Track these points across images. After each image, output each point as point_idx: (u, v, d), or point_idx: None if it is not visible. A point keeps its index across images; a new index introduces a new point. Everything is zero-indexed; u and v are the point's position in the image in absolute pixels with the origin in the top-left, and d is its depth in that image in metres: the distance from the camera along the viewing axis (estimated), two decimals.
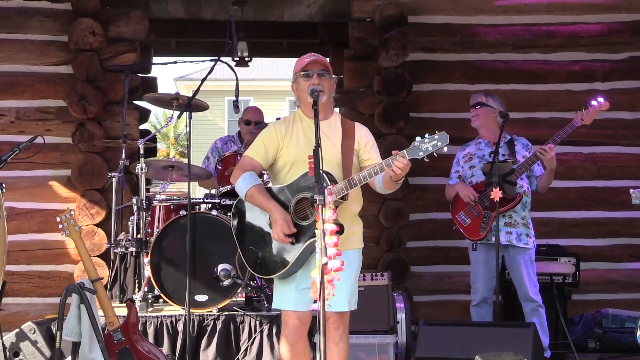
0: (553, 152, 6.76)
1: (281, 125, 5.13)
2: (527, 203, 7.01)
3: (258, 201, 4.92)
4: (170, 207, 7.17)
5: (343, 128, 5.11)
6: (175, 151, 34.48)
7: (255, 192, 4.93)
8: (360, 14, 8.86)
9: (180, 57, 8.60)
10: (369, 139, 5.18)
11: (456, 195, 7.13)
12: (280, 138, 5.05)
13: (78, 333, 5.60)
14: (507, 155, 7.02)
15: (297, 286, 4.95)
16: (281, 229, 4.77)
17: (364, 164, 5.08)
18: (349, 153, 5.02)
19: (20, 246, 8.34)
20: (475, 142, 7.30)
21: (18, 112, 8.52)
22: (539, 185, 7.10)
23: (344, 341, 5.02)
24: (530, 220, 7.05)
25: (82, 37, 8.24)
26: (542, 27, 9.07)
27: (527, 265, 6.96)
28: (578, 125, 6.87)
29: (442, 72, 9.01)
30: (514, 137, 7.19)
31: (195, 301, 6.55)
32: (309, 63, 4.99)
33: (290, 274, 4.93)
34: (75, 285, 5.56)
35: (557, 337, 7.60)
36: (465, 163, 7.24)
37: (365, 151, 5.11)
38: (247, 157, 5.12)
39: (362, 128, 5.21)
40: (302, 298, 4.94)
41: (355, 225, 5.08)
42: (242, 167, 5.08)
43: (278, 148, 5.05)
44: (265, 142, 5.09)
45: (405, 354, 7.02)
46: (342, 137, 5.05)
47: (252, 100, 30.68)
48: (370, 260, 8.59)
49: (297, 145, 5.00)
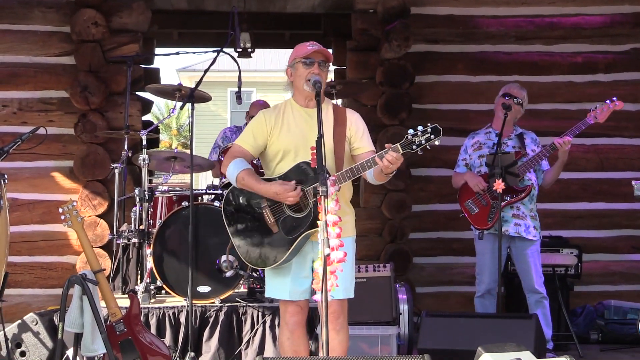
0: (569, 145, 6.77)
1: (271, 113, 5.13)
2: (534, 196, 7.03)
3: (249, 183, 4.93)
4: (173, 198, 7.16)
5: (335, 115, 5.08)
6: (178, 142, 34.46)
7: (246, 176, 4.94)
8: (363, 5, 8.84)
9: (182, 48, 8.61)
10: (360, 125, 5.13)
11: (464, 184, 7.12)
12: (270, 126, 5.05)
13: (80, 324, 5.60)
14: (517, 147, 7.01)
15: (292, 276, 4.97)
16: (287, 192, 4.77)
17: (355, 152, 5.06)
18: (341, 140, 5.00)
19: (22, 237, 8.36)
20: (484, 130, 7.27)
21: (20, 103, 8.52)
22: (545, 178, 7.11)
23: (344, 330, 5.04)
24: (537, 213, 7.06)
25: (85, 28, 8.23)
26: (545, 19, 9.06)
27: (533, 256, 6.98)
28: (591, 123, 6.87)
29: (444, 63, 9.01)
30: (523, 131, 7.19)
31: (198, 292, 6.55)
32: (313, 52, 4.97)
33: (285, 263, 4.95)
34: (78, 276, 5.56)
35: (559, 328, 7.60)
36: (473, 152, 7.21)
37: (357, 138, 5.08)
38: (237, 145, 5.15)
39: (354, 114, 5.18)
40: (298, 288, 4.97)
41: (347, 214, 5.04)
42: (232, 155, 5.11)
43: (267, 136, 5.05)
44: (254, 130, 5.10)
45: (407, 345, 7.03)
46: (334, 124, 5.03)
47: (255, 91, 30.64)
48: (373, 251, 8.60)
49: (289, 134, 4.99)
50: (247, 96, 25.29)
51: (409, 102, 8.63)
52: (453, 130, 8.25)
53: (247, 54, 10.80)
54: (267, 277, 5.13)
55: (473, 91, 8.89)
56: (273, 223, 4.93)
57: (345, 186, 4.94)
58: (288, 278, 4.98)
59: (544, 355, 6.09)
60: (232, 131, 8.37)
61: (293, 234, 4.85)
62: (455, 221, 7.65)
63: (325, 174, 4.27)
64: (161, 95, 7.30)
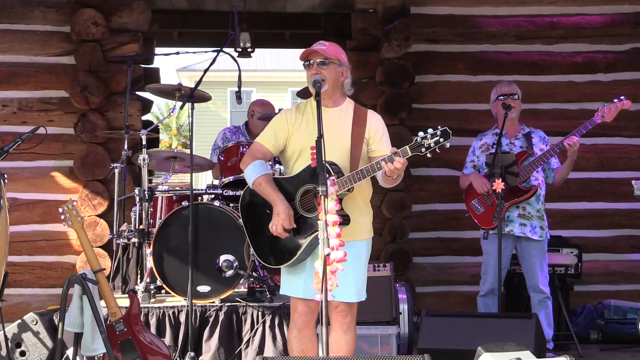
0: (578, 144, 6.76)
1: (293, 112, 5.11)
2: (541, 195, 7.01)
3: (265, 191, 4.92)
4: (173, 198, 7.16)
5: (355, 115, 5.06)
6: (178, 142, 34.48)
7: (263, 182, 4.94)
8: (363, 5, 8.85)
9: (182, 48, 8.61)
10: (380, 128, 5.09)
11: (470, 184, 7.12)
12: (290, 125, 5.03)
13: (80, 324, 5.60)
14: (525, 147, 7.01)
15: (306, 274, 4.95)
16: (282, 222, 4.79)
17: (372, 154, 5.03)
18: (359, 141, 4.98)
19: (22, 237, 8.36)
20: (492, 132, 7.25)
21: (20, 103, 8.52)
22: (555, 177, 7.09)
23: (352, 330, 5.04)
24: (545, 213, 7.05)
25: (85, 27, 8.23)
26: (545, 19, 9.06)
27: (539, 256, 6.98)
28: (598, 122, 6.86)
29: (444, 63, 9.01)
30: (531, 130, 7.18)
31: (198, 292, 6.55)
32: (309, 53, 4.98)
33: (300, 261, 4.95)
34: (78, 276, 5.57)
35: (559, 328, 7.59)
36: (481, 153, 7.19)
37: (375, 140, 5.04)
38: (258, 143, 5.13)
39: (375, 116, 5.14)
40: (312, 286, 4.97)
41: (363, 216, 5.04)
42: (252, 154, 5.09)
43: (288, 135, 5.04)
44: (276, 128, 5.08)
45: (407, 345, 7.02)
46: (353, 125, 5.01)
47: (255, 91, 30.67)
48: (373, 251, 8.41)
49: (306, 133, 4.96)
50: (247, 96, 25.26)
51: (409, 101, 8.64)
52: (453, 130, 8.11)
53: (247, 53, 10.79)
54: (283, 275, 5.13)
55: (473, 91, 8.89)
56: None
57: (360, 189, 4.92)
58: (302, 276, 4.97)
59: (544, 355, 6.08)
60: (231, 132, 8.35)
61: (305, 233, 4.85)
62: (455, 221, 7.66)
63: (324, 173, 4.27)
64: (161, 95, 7.30)
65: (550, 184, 7.14)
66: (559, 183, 7.17)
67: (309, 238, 4.83)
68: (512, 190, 6.80)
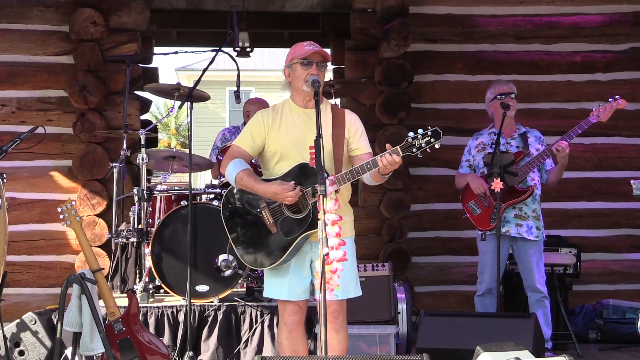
0: (567, 149, 6.76)
1: (269, 112, 5.12)
2: (537, 196, 7.01)
3: (248, 184, 4.92)
4: (171, 198, 7.17)
5: (333, 115, 5.08)
6: (177, 141, 34.47)
7: (245, 176, 4.94)
8: (361, 4, 8.84)
9: (181, 48, 8.60)
10: (358, 127, 5.13)
11: (467, 185, 7.11)
12: (268, 127, 5.04)
13: (79, 323, 5.60)
14: (520, 147, 7.00)
15: (291, 276, 4.97)
16: (286, 192, 4.76)
17: (353, 153, 5.06)
18: (340, 141, 5.00)
19: (21, 236, 8.35)
20: (488, 131, 7.25)
21: (19, 103, 8.52)
22: (548, 178, 7.10)
23: (344, 329, 5.05)
24: (541, 212, 7.05)
25: (84, 27, 8.23)
26: (544, 18, 9.06)
27: (536, 255, 6.98)
28: (594, 122, 6.86)
29: (443, 62, 9.00)
30: (527, 130, 7.18)
31: (196, 292, 6.55)
32: (312, 53, 4.97)
33: (285, 262, 4.95)
34: (76, 275, 5.57)
35: (558, 327, 7.59)
36: (477, 153, 7.19)
37: (355, 139, 5.07)
38: (235, 146, 5.14)
39: (352, 115, 5.18)
40: (296, 288, 4.98)
41: (346, 215, 5.02)
42: (230, 156, 5.10)
43: (265, 136, 5.05)
44: (252, 131, 5.10)
45: (406, 344, 7.03)
46: (333, 125, 5.02)
47: (254, 90, 30.62)
48: (372, 250, 8.60)
49: (287, 135, 4.98)
50: (245, 95, 25.23)
51: (408, 101, 8.63)
52: (452, 130, 8.27)
53: (245, 53, 10.78)
54: (266, 277, 5.13)
55: (472, 90, 8.88)
56: (272, 224, 4.93)
57: (343, 187, 4.92)
58: (286, 278, 4.99)
59: (542, 355, 6.08)
60: (230, 132, 8.36)
61: (292, 235, 4.85)
62: (453, 220, 7.66)
63: (323, 172, 4.27)
64: (160, 94, 7.30)
65: (543, 184, 7.15)
66: (552, 184, 7.17)
67: (295, 240, 4.84)
68: (508, 191, 6.80)
